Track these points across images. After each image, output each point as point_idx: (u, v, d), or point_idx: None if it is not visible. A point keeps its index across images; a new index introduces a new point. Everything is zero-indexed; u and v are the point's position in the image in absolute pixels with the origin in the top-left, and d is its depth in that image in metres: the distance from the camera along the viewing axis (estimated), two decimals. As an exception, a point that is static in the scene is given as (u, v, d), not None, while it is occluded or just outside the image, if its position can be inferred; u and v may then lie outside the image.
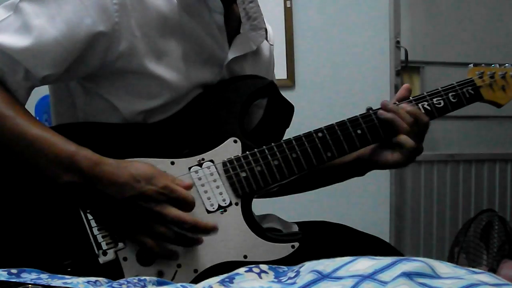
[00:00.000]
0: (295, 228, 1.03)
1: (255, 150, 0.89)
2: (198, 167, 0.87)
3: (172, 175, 0.84)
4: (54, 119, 0.99)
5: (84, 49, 0.82)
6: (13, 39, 0.79)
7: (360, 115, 0.94)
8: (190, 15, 0.89)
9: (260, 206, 1.03)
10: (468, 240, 2.33)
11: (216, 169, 0.87)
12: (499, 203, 2.79)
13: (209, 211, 0.86)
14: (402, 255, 0.85)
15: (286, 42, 2.56)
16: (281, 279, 0.59)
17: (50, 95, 0.98)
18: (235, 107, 0.91)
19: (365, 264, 0.54)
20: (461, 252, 2.32)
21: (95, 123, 0.89)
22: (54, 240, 0.80)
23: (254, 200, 0.89)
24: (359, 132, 0.93)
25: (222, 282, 0.57)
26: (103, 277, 0.65)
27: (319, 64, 2.61)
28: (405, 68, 2.64)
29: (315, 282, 0.53)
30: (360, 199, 2.62)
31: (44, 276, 0.63)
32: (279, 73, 2.41)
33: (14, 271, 0.63)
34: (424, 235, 2.74)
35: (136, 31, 0.83)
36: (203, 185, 0.86)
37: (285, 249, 0.86)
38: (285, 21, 2.55)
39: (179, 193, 0.80)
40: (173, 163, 0.86)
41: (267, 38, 1.07)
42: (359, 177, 1.08)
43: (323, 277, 0.54)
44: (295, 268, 0.60)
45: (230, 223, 0.86)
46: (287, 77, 2.57)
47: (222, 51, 0.94)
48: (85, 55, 0.83)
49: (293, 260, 0.80)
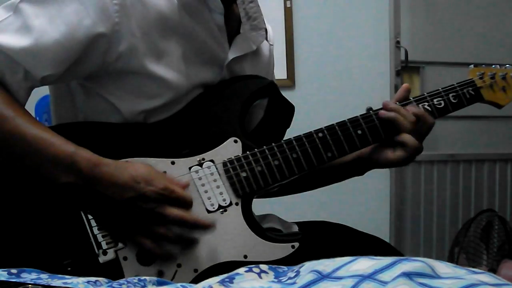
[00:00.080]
0: (295, 228, 1.03)
1: (256, 150, 0.89)
2: (198, 167, 0.87)
3: (170, 175, 0.84)
4: (54, 119, 0.99)
5: (84, 49, 0.82)
6: (13, 39, 0.79)
7: (360, 115, 0.94)
8: (190, 15, 0.89)
9: (260, 206, 1.03)
10: (468, 240, 2.33)
11: (216, 169, 0.87)
12: (499, 203, 2.79)
13: (209, 211, 0.86)
14: (402, 255, 0.85)
15: (286, 42, 2.56)
16: (281, 279, 0.59)
17: (50, 95, 0.98)
18: (235, 107, 0.92)
19: (365, 264, 0.54)
20: (461, 252, 2.32)
21: (95, 123, 0.89)
22: (54, 240, 0.80)
23: (254, 200, 0.89)
24: (359, 132, 0.93)
25: (222, 282, 0.57)
26: (103, 276, 0.65)
27: (319, 64, 2.60)
28: (405, 68, 2.64)
29: (315, 282, 0.53)
30: (360, 199, 2.62)
31: (44, 276, 0.63)
32: (279, 73, 2.42)
33: (14, 271, 0.63)
34: (424, 235, 2.74)
35: (136, 31, 0.83)
36: (203, 185, 0.86)
37: (285, 249, 0.86)
38: (285, 21, 2.55)
39: (178, 193, 0.80)
40: (173, 163, 0.86)
41: (267, 38, 1.07)
42: (359, 177, 1.08)
43: (323, 277, 0.54)
44: (295, 268, 0.60)
45: (230, 223, 0.86)
46: (287, 77, 2.57)
47: (222, 51, 0.94)
48: (85, 56, 0.83)
49: (293, 260, 0.80)
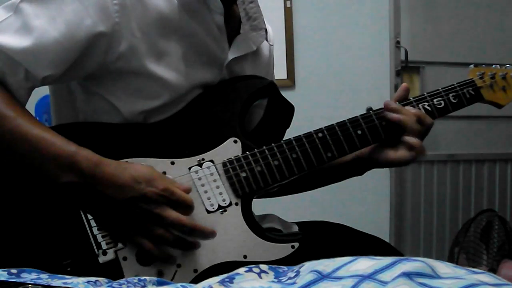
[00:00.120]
0: (295, 228, 1.03)
1: (255, 150, 0.89)
2: (198, 167, 0.87)
3: (171, 177, 0.84)
4: (54, 119, 0.99)
5: (84, 49, 0.82)
6: (13, 39, 0.79)
7: (360, 115, 0.94)
8: (190, 16, 0.89)
9: (260, 206, 1.03)
10: (468, 240, 2.33)
11: (216, 169, 0.87)
12: (499, 203, 2.79)
13: (209, 211, 0.86)
14: (402, 255, 0.85)
15: (286, 42, 2.56)
16: (281, 279, 0.59)
17: (50, 95, 0.98)
18: (235, 107, 0.92)
19: (365, 264, 0.54)
20: (461, 252, 2.32)
21: (95, 123, 0.89)
22: (54, 240, 0.80)
23: (254, 200, 0.89)
24: (359, 132, 0.93)
25: (222, 282, 0.57)
26: (103, 276, 0.65)
27: (319, 64, 2.60)
28: (405, 68, 2.64)
29: (315, 282, 0.53)
30: (360, 199, 2.62)
31: (44, 276, 0.63)
32: (279, 73, 2.42)
33: (14, 271, 0.63)
34: (424, 235, 2.74)
35: (136, 31, 0.83)
36: (203, 185, 0.86)
37: (285, 249, 0.86)
38: (285, 21, 2.55)
39: (179, 196, 0.80)
40: (173, 163, 0.86)
41: (267, 38, 1.07)
42: (359, 177, 1.08)
43: (323, 277, 0.54)
44: (295, 268, 0.60)
45: (230, 223, 0.86)
46: (287, 77, 2.57)
47: (222, 51, 0.94)
48: (86, 56, 0.83)
49: (293, 260, 0.80)
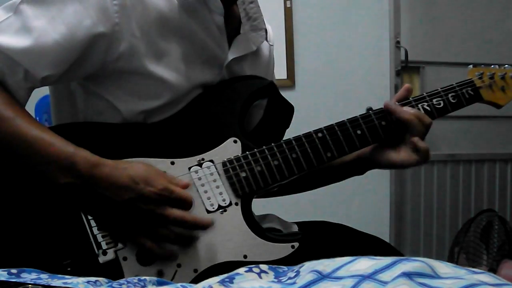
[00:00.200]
0: (295, 228, 1.03)
1: (255, 150, 0.89)
2: (198, 167, 0.87)
3: (170, 175, 0.84)
4: (54, 119, 0.99)
5: (84, 50, 0.82)
6: (13, 40, 0.79)
7: (360, 115, 0.94)
8: (190, 16, 0.89)
9: (260, 206, 1.03)
10: (468, 240, 2.33)
11: (216, 169, 0.87)
12: (499, 203, 2.79)
13: (209, 211, 0.86)
14: (402, 255, 0.85)
15: (286, 42, 2.56)
16: (281, 279, 0.59)
17: (50, 95, 0.98)
18: (235, 108, 0.92)
19: (365, 264, 0.54)
20: (461, 252, 2.32)
21: (95, 123, 0.89)
22: (54, 240, 0.80)
23: (254, 200, 0.89)
24: (359, 132, 0.93)
25: (222, 282, 0.57)
26: (103, 276, 0.65)
27: (319, 64, 2.60)
28: (405, 68, 2.64)
29: (315, 282, 0.53)
30: (360, 199, 2.62)
31: (44, 276, 0.63)
32: (279, 73, 2.42)
33: (14, 271, 0.63)
34: (424, 235, 2.74)
35: (136, 31, 0.83)
36: (203, 185, 0.86)
37: (285, 249, 0.86)
38: (285, 21, 2.55)
39: (178, 194, 0.80)
40: (173, 163, 0.86)
41: (267, 38, 1.07)
42: (359, 178, 1.08)
43: (323, 277, 0.54)
44: (295, 268, 0.60)
45: (230, 223, 0.86)
46: (287, 77, 2.57)
47: (222, 51, 0.94)
48: (85, 56, 0.83)
49: (293, 260, 0.80)
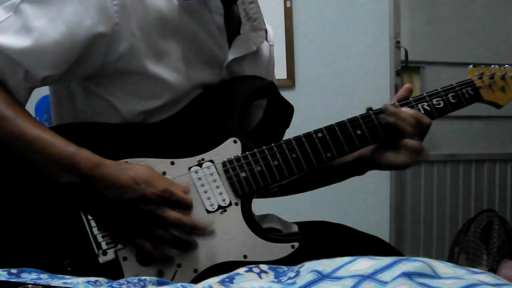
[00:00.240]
0: (295, 228, 1.03)
1: (255, 150, 0.89)
2: (198, 167, 0.87)
3: (171, 177, 0.84)
4: (54, 119, 0.99)
5: (84, 50, 0.82)
6: (13, 40, 0.79)
7: (360, 115, 0.94)
8: (190, 16, 0.89)
9: (260, 206, 1.03)
10: (468, 240, 2.33)
11: (216, 169, 0.87)
12: (499, 203, 2.79)
13: (209, 211, 0.86)
14: (402, 255, 0.85)
15: (286, 42, 2.56)
16: (281, 279, 0.59)
17: (50, 95, 0.98)
18: (235, 108, 0.92)
19: (365, 264, 0.54)
20: (461, 252, 2.32)
21: (95, 123, 0.89)
22: (54, 240, 0.80)
23: (254, 200, 0.89)
24: (358, 132, 0.93)
25: (222, 282, 0.57)
26: (103, 277, 0.65)
27: (319, 64, 2.61)
28: (405, 68, 2.64)
29: (315, 282, 0.53)
30: (360, 199, 2.62)
31: (44, 276, 0.63)
32: (279, 73, 2.41)
33: (14, 271, 0.63)
34: (424, 235, 2.74)
35: (136, 31, 0.83)
36: (203, 185, 0.86)
37: (285, 249, 0.86)
38: (285, 21, 2.55)
39: (178, 196, 0.80)
40: (173, 163, 0.86)
41: (267, 38, 1.07)
42: (359, 178, 1.08)
43: (323, 277, 0.54)
44: (295, 268, 0.60)
45: (230, 223, 0.86)
46: (287, 77, 2.57)
47: (222, 52, 0.94)
48: (86, 56, 0.83)
49: (293, 260, 0.80)
